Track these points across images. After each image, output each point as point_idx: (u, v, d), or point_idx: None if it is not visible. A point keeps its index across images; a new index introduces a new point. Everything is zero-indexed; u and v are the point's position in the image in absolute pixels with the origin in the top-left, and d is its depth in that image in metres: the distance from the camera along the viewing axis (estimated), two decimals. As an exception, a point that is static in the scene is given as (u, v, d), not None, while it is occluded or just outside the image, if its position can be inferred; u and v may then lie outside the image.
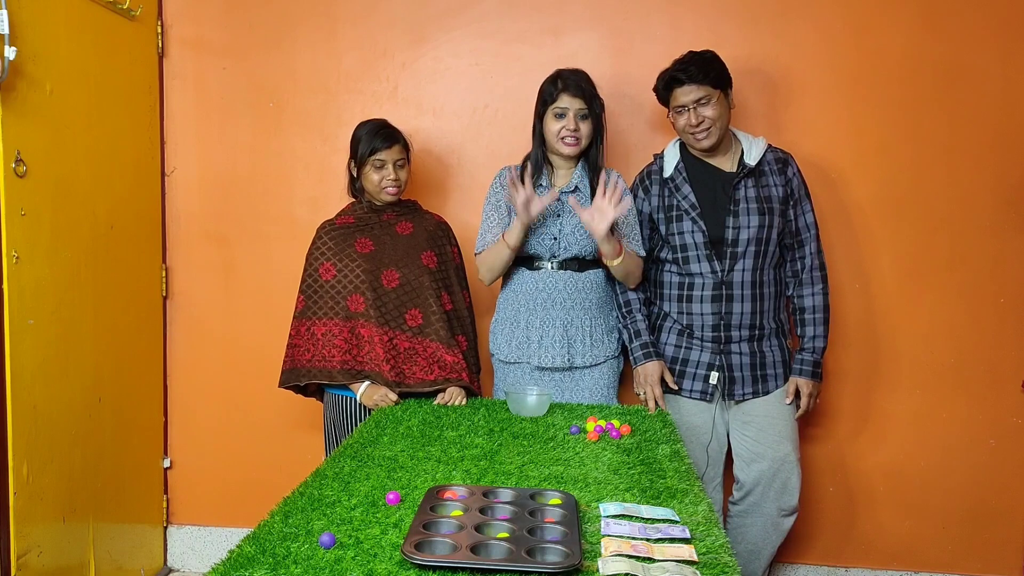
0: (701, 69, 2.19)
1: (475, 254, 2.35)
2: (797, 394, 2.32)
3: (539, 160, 2.29)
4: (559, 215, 2.27)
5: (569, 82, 2.20)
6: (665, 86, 2.26)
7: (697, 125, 2.22)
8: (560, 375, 2.28)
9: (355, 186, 2.36)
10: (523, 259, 2.31)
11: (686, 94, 2.21)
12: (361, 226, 2.33)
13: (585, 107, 2.21)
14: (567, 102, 2.20)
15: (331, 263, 2.28)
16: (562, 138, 2.21)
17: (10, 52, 1.96)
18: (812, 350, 2.33)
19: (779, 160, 2.32)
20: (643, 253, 2.30)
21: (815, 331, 2.34)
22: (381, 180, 2.29)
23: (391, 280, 2.27)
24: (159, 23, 2.78)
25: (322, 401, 2.41)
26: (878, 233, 2.62)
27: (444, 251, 2.37)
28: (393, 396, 2.22)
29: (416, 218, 2.39)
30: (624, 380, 2.41)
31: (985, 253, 2.59)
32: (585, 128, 2.22)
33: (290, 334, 2.31)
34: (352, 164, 2.33)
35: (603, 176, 2.27)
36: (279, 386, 2.32)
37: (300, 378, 2.27)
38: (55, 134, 2.22)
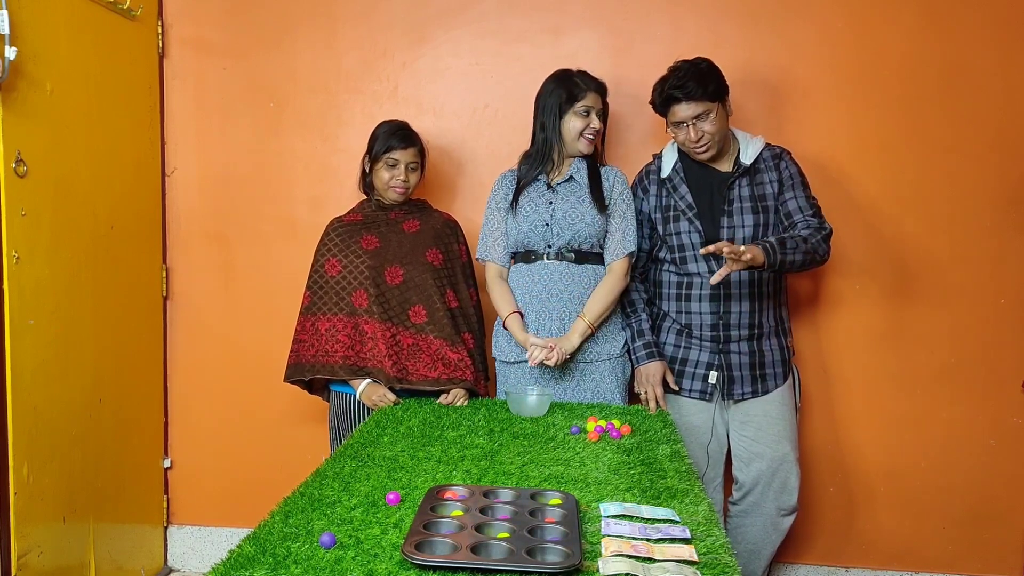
0: (699, 84, 2.16)
1: (476, 259, 2.38)
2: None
3: (541, 157, 2.29)
4: (551, 202, 2.27)
5: (591, 81, 2.25)
6: (663, 103, 2.23)
7: (697, 141, 2.21)
8: (559, 371, 2.28)
9: (365, 181, 2.39)
10: (520, 255, 2.32)
11: (684, 111, 2.19)
12: (368, 223, 2.36)
13: (602, 106, 2.26)
14: (592, 100, 2.23)
15: (337, 259, 2.30)
16: (585, 136, 2.24)
17: (10, 52, 1.96)
18: (780, 240, 2.07)
19: (775, 156, 2.30)
20: (633, 248, 2.28)
21: (790, 235, 2.12)
22: (391, 179, 2.31)
23: (395, 276, 2.27)
24: (159, 23, 2.78)
25: (327, 399, 2.42)
26: (879, 233, 2.62)
27: (451, 249, 2.38)
28: (391, 396, 2.22)
29: (424, 216, 2.41)
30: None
31: (985, 253, 2.59)
32: (600, 126, 2.27)
33: (296, 329, 2.33)
34: (366, 160, 2.36)
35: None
36: (284, 380, 2.33)
37: (304, 373, 2.28)
38: (55, 134, 2.22)
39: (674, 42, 2.59)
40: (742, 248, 1.97)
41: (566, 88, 2.24)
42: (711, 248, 1.97)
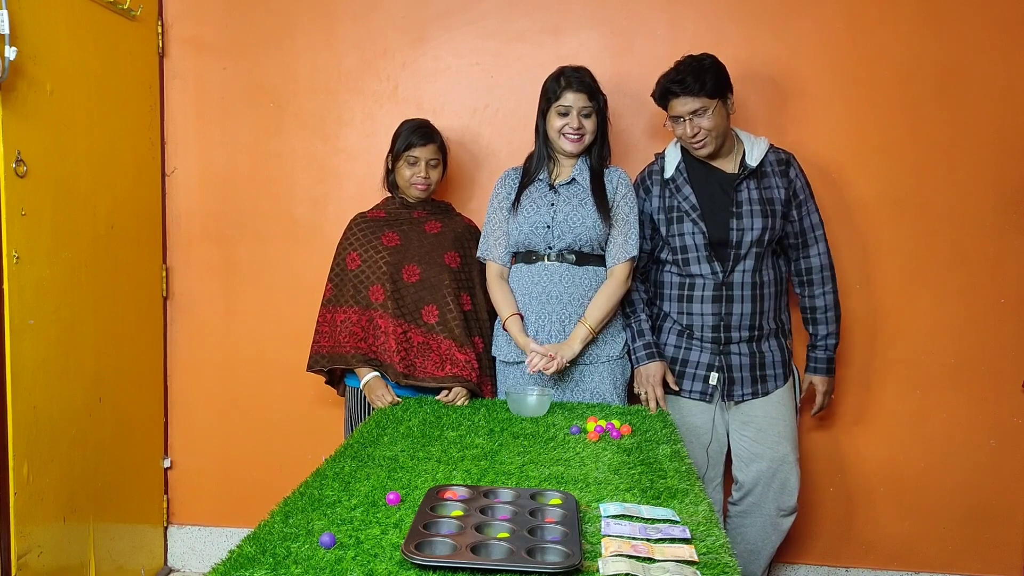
0: (697, 80, 2.15)
1: (477, 256, 2.38)
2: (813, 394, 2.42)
3: (541, 157, 2.30)
4: (553, 204, 2.27)
5: (572, 79, 2.22)
6: (661, 96, 2.24)
7: (693, 136, 2.21)
8: (557, 375, 2.27)
9: (389, 179, 2.43)
10: (521, 255, 2.32)
11: (682, 105, 2.19)
12: (391, 220, 2.39)
13: (588, 104, 2.23)
14: (571, 99, 2.21)
15: (357, 253, 2.34)
16: (565, 134, 2.22)
17: (10, 52, 1.96)
18: (825, 347, 2.38)
19: (781, 161, 2.31)
20: (636, 253, 2.27)
21: (827, 329, 2.38)
22: (412, 176, 2.35)
23: (411, 275, 2.30)
24: (159, 23, 2.78)
25: (342, 394, 2.46)
26: (879, 233, 2.62)
27: (470, 253, 2.41)
28: (390, 397, 2.23)
29: (446, 219, 2.45)
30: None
31: (985, 253, 2.59)
32: (589, 125, 2.24)
33: (317, 321, 2.38)
34: (389, 158, 2.40)
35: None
36: (307, 370, 2.37)
37: (323, 363, 2.33)
38: (55, 134, 2.22)
39: (674, 41, 2.59)
40: (826, 401, 2.42)
41: (548, 86, 2.26)
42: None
